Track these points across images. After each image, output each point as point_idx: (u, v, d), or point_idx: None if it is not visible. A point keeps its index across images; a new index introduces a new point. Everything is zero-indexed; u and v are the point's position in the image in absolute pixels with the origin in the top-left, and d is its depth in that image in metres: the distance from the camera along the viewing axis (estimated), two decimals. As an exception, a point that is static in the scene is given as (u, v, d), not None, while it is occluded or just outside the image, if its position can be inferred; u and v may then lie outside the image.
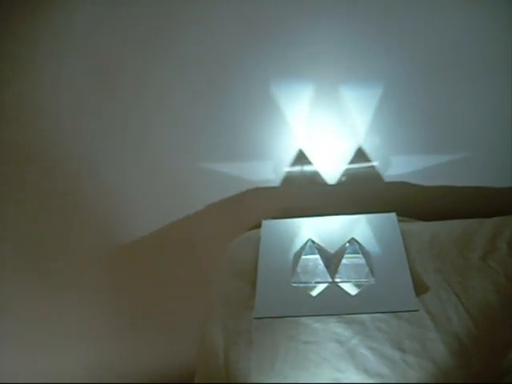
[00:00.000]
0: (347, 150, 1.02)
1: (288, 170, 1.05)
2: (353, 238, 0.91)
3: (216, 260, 1.06)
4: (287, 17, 0.84)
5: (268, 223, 1.04)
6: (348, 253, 0.89)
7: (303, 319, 0.85)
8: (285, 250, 0.96)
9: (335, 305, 0.86)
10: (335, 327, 0.83)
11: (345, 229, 0.99)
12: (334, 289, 0.88)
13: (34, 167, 1.05)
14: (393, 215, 1.01)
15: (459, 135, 1.00)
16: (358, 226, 1.00)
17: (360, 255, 0.89)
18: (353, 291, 0.88)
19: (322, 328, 0.83)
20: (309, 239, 0.92)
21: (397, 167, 1.04)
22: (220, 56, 0.89)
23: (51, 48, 0.88)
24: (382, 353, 0.78)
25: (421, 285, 0.87)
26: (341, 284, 0.89)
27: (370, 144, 1.00)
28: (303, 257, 0.90)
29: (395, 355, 0.78)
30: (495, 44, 0.86)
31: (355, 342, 0.80)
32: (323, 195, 1.09)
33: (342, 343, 0.81)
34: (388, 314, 0.83)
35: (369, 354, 0.79)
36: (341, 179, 1.05)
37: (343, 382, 0.76)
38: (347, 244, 0.91)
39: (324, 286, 0.89)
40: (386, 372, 0.76)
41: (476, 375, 0.75)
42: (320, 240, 0.95)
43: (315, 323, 0.84)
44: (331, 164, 1.04)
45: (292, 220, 1.04)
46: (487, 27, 0.84)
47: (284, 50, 0.88)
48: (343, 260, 0.89)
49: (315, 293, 0.88)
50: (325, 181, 1.06)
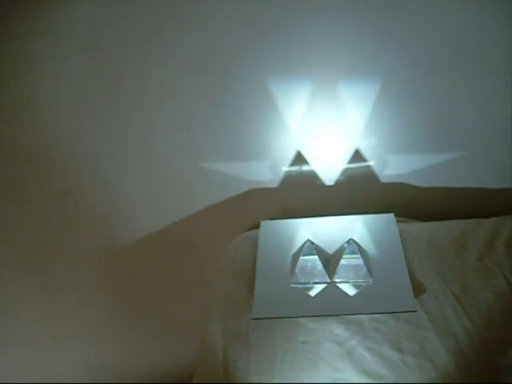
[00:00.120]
0: (346, 151, 1.02)
1: (287, 171, 1.05)
2: (351, 239, 0.92)
3: (215, 260, 1.06)
4: (287, 17, 0.84)
5: (266, 224, 1.04)
6: (346, 253, 0.89)
7: (302, 320, 0.85)
8: (283, 251, 0.96)
9: (333, 305, 0.86)
10: (334, 328, 0.83)
11: (343, 229, 0.99)
12: (333, 289, 0.88)
13: (34, 167, 1.05)
14: (391, 216, 1.01)
15: (458, 135, 1.00)
16: (357, 227, 1.00)
17: (358, 256, 0.89)
18: (351, 292, 0.88)
19: (321, 328, 0.83)
20: (307, 240, 0.92)
21: (395, 167, 1.04)
22: (220, 56, 0.89)
23: (51, 48, 0.88)
24: (381, 353, 0.79)
25: (419, 285, 0.88)
26: (339, 284, 0.89)
27: (369, 144, 1.00)
28: (302, 257, 0.90)
29: (393, 356, 0.78)
30: (495, 44, 0.86)
31: (354, 343, 0.81)
32: (322, 196, 1.09)
33: (341, 344, 0.81)
34: (386, 315, 0.84)
35: (367, 355, 0.79)
36: (339, 180, 1.05)
37: (342, 383, 0.76)
38: (345, 244, 0.91)
39: (322, 287, 0.89)
40: (385, 372, 0.76)
41: (474, 375, 0.75)
42: (318, 240, 0.95)
43: (313, 323, 0.84)
44: (330, 164, 1.04)
45: (290, 220, 1.04)
46: (487, 27, 0.84)
47: (284, 50, 0.87)
48: (342, 260, 0.89)
49: (313, 293, 0.88)
50: (323, 181, 1.06)
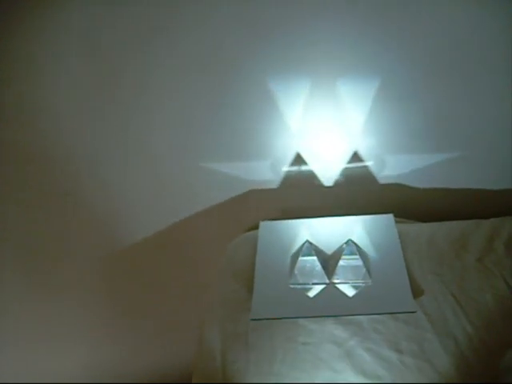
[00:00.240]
0: (345, 151, 1.02)
1: (286, 171, 1.05)
2: (350, 240, 0.91)
3: (214, 261, 1.06)
4: (287, 17, 0.84)
5: (266, 224, 1.04)
6: (345, 254, 0.89)
7: (301, 320, 0.85)
8: (282, 252, 0.96)
9: (333, 306, 0.86)
10: (333, 328, 0.83)
11: (342, 230, 0.99)
12: (332, 290, 0.88)
13: (34, 167, 1.05)
14: (390, 216, 1.01)
15: (458, 135, 0.99)
16: (356, 228, 1.00)
17: (357, 256, 0.89)
18: (350, 292, 0.88)
19: (320, 329, 0.83)
20: (306, 240, 0.92)
21: (394, 168, 1.04)
22: (220, 56, 0.89)
23: (51, 48, 0.88)
24: (380, 354, 0.79)
25: (418, 286, 0.88)
26: (338, 285, 0.89)
27: (368, 144, 1.00)
28: (301, 258, 0.90)
29: (392, 356, 0.78)
30: (495, 44, 0.86)
31: (353, 344, 0.81)
32: (321, 196, 1.09)
33: (340, 344, 0.81)
34: (385, 316, 0.84)
35: (366, 356, 0.79)
36: (338, 180, 1.05)
37: (341, 383, 0.76)
38: (344, 245, 0.91)
39: (321, 288, 0.89)
40: (384, 373, 0.76)
41: (473, 376, 0.75)
42: (317, 241, 0.95)
43: (313, 324, 0.84)
44: (328, 165, 1.04)
45: (289, 221, 1.04)
46: (487, 27, 0.84)
47: (284, 50, 0.87)
48: (340, 261, 0.89)
49: (312, 294, 0.88)
50: (322, 182, 1.06)
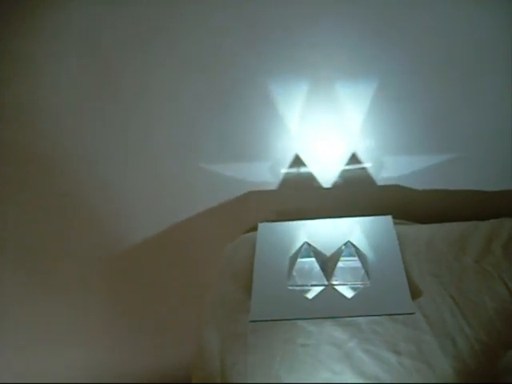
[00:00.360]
0: (343, 152, 1.02)
1: (285, 173, 1.05)
2: (349, 241, 0.92)
3: (213, 261, 1.06)
4: (287, 17, 0.84)
5: (264, 226, 1.04)
6: (344, 256, 0.90)
7: (299, 322, 0.85)
8: (281, 253, 0.96)
9: (331, 307, 0.86)
10: (331, 330, 0.83)
11: (341, 232, 0.99)
12: (330, 292, 0.88)
13: (34, 167, 1.05)
14: (389, 218, 1.01)
15: (457, 136, 0.99)
16: (354, 229, 1.00)
17: (356, 258, 0.89)
18: (349, 294, 0.87)
19: (319, 331, 0.83)
20: (305, 242, 0.93)
21: (393, 169, 1.04)
22: (220, 56, 0.89)
23: (51, 48, 0.88)
24: (378, 355, 0.79)
25: (417, 288, 0.88)
26: (337, 287, 0.89)
27: (367, 146, 1.00)
28: (299, 259, 0.90)
29: (391, 358, 0.78)
30: (495, 44, 0.86)
31: (351, 345, 0.81)
32: (319, 198, 1.09)
33: (339, 346, 0.81)
34: (384, 317, 0.84)
35: (365, 357, 0.79)
36: (337, 182, 1.05)
37: (339, 383, 0.76)
38: (343, 247, 0.91)
39: (320, 289, 0.89)
40: (382, 374, 0.76)
41: (472, 377, 0.75)
42: (316, 243, 0.95)
43: (311, 326, 0.84)
44: (327, 166, 1.04)
45: (288, 223, 1.04)
46: (487, 27, 0.84)
47: (283, 51, 0.87)
48: (339, 263, 0.89)
49: (311, 296, 0.88)
50: (321, 183, 1.06)
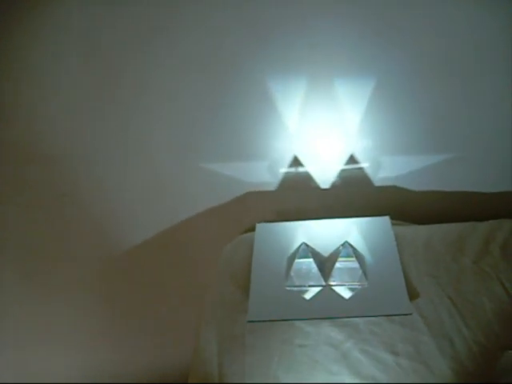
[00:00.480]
0: (341, 153, 1.02)
1: (283, 173, 1.05)
2: (346, 242, 0.92)
3: (212, 262, 1.06)
4: (287, 17, 0.83)
5: (262, 226, 1.04)
6: (342, 256, 0.89)
7: (297, 322, 0.85)
8: (278, 254, 0.96)
9: (329, 308, 0.86)
10: (329, 330, 0.83)
11: (338, 232, 0.99)
12: (328, 292, 0.88)
13: (34, 168, 1.05)
14: (386, 219, 1.01)
15: (456, 137, 0.99)
16: (352, 230, 1.00)
17: (353, 259, 0.89)
18: (346, 295, 0.87)
19: (316, 331, 0.83)
20: (302, 242, 0.92)
21: (391, 170, 1.04)
22: (220, 56, 0.89)
23: (50, 47, 0.87)
24: (376, 356, 0.79)
25: (414, 288, 0.88)
26: (334, 287, 0.89)
27: (365, 146, 1.00)
28: (297, 260, 0.90)
29: (389, 358, 0.78)
30: (494, 44, 0.86)
31: (349, 346, 0.81)
32: (317, 198, 1.09)
33: (336, 346, 0.81)
34: (381, 318, 0.84)
35: (362, 358, 0.79)
36: (335, 182, 1.05)
37: (337, 383, 0.76)
38: (341, 247, 0.91)
39: (318, 290, 0.89)
40: (380, 375, 0.76)
41: (469, 378, 0.75)
42: (314, 243, 0.95)
43: (309, 326, 0.84)
44: (325, 167, 1.04)
45: (286, 223, 1.04)
46: (486, 27, 0.84)
47: (283, 51, 0.87)
48: (337, 263, 0.89)
49: (309, 296, 0.88)
50: (319, 184, 1.06)
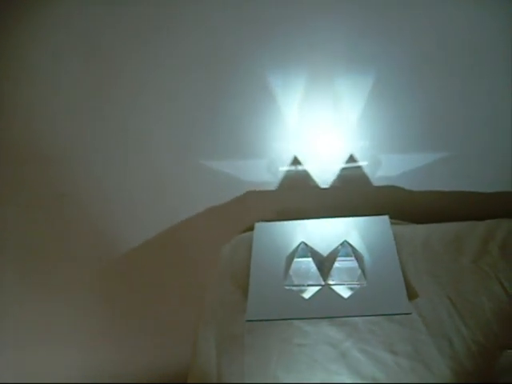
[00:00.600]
0: (340, 152, 1.02)
1: (282, 173, 1.05)
2: (345, 241, 0.91)
3: (210, 262, 1.06)
4: (287, 17, 0.83)
5: (261, 225, 1.04)
6: (340, 255, 0.89)
7: (296, 322, 0.85)
8: (277, 253, 0.96)
9: (328, 307, 0.86)
10: (328, 330, 0.83)
11: (337, 231, 0.99)
12: (327, 291, 0.88)
13: (33, 168, 1.04)
14: (385, 218, 1.01)
15: (455, 136, 0.99)
16: (351, 229, 1.00)
17: (352, 258, 0.89)
18: (345, 294, 0.87)
19: (315, 331, 0.83)
20: (301, 242, 0.92)
21: (390, 169, 1.04)
22: (220, 56, 0.89)
23: (50, 47, 0.87)
24: (375, 355, 0.79)
25: (413, 288, 0.88)
26: (333, 287, 0.89)
27: (364, 145, 1.00)
28: (296, 259, 0.90)
29: (387, 358, 0.78)
30: (494, 44, 0.85)
31: (348, 345, 0.81)
32: (316, 198, 1.08)
33: (335, 346, 0.81)
34: (380, 317, 0.84)
35: (361, 357, 0.79)
36: (334, 182, 1.05)
37: (336, 383, 0.76)
38: (340, 247, 0.91)
39: (316, 289, 0.89)
40: (378, 374, 0.76)
41: (468, 378, 0.75)
42: (313, 243, 0.95)
43: (308, 326, 0.84)
44: (324, 166, 1.04)
45: (285, 222, 1.04)
46: (486, 27, 0.84)
47: (283, 51, 0.87)
48: (336, 263, 0.89)
49: (308, 295, 0.88)
50: (318, 183, 1.06)
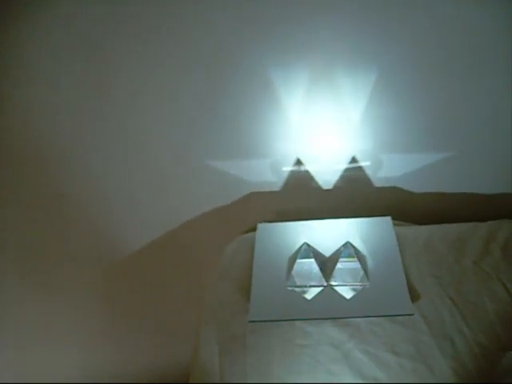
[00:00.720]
0: (343, 153, 1.02)
1: (284, 173, 1.05)
2: (348, 242, 0.92)
3: (212, 262, 1.06)
4: (287, 17, 0.83)
5: (263, 226, 1.04)
6: (343, 256, 0.89)
7: (298, 323, 0.85)
8: (280, 254, 0.96)
9: (330, 308, 0.86)
10: (330, 331, 0.83)
11: (340, 232, 0.99)
12: (329, 292, 0.88)
13: (33, 168, 1.04)
14: (388, 219, 1.01)
15: (456, 136, 0.99)
16: (353, 230, 1.00)
17: (355, 259, 0.89)
18: (348, 295, 0.87)
19: (317, 331, 0.83)
20: (304, 243, 0.92)
21: (392, 170, 1.04)
22: (220, 56, 0.89)
23: (50, 47, 0.87)
24: (377, 356, 0.79)
25: (416, 289, 0.88)
26: (336, 288, 0.89)
27: (367, 146, 1.00)
28: (298, 260, 0.90)
29: (390, 359, 0.78)
30: (494, 44, 0.85)
31: (350, 346, 0.81)
32: (319, 199, 1.08)
33: (337, 347, 0.81)
34: (383, 318, 0.84)
35: (364, 358, 0.79)
36: (336, 182, 1.05)
37: (338, 383, 0.76)
38: (342, 248, 0.91)
39: (319, 290, 0.89)
40: (381, 375, 0.76)
41: (470, 379, 0.75)
42: (315, 243, 0.95)
43: (310, 327, 0.84)
44: (327, 167, 1.04)
45: (287, 223, 1.03)
46: (486, 27, 0.84)
47: (284, 51, 0.87)
48: (338, 264, 0.89)
49: (310, 296, 0.88)
50: (320, 184, 1.06)
